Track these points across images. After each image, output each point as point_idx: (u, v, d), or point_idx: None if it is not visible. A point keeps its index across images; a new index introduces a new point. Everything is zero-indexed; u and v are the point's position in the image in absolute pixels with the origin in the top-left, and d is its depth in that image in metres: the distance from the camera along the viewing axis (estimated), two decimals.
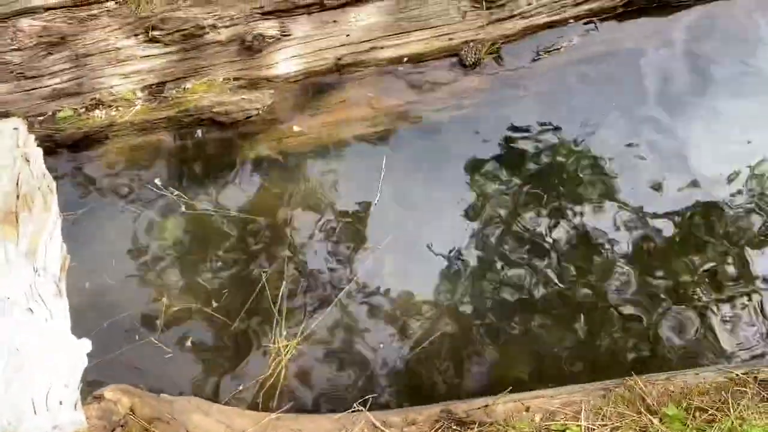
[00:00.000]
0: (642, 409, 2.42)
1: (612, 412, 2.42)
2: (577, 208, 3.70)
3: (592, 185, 3.77)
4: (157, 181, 3.85)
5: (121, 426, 2.52)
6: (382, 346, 3.34)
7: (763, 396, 2.40)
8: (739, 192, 3.69)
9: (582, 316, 3.32)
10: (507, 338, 3.32)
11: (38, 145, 2.80)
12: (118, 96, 4.01)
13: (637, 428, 2.34)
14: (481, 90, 4.11)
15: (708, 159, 3.78)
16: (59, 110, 3.98)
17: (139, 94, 4.06)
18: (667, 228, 3.61)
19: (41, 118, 3.96)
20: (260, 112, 4.05)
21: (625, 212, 3.66)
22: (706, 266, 3.42)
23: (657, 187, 3.73)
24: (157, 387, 3.07)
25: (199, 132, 4.04)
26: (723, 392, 2.44)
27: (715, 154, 3.79)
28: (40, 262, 2.40)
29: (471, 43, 4.10)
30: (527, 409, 2.50)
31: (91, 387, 2.70)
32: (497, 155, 3.89)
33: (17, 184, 2.54)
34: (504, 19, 4.12)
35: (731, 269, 3.42)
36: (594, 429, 2.37)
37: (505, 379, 3.03)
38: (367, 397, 2.70)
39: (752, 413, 2.31)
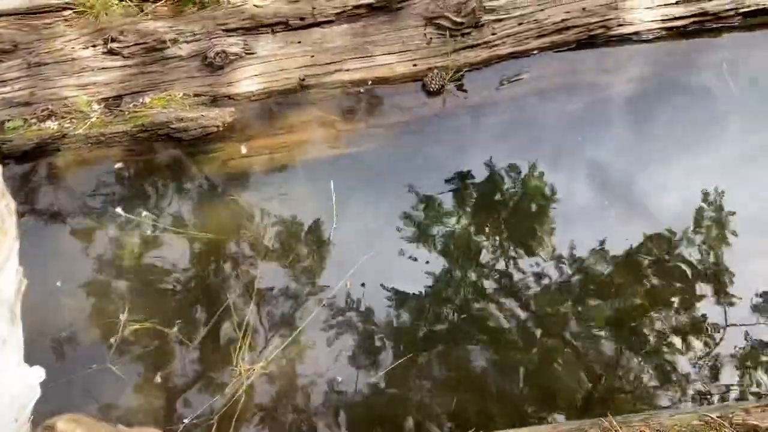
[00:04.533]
0: None
1: None
2: (526, 243, 3.70)
3: (542, 220, 3.78)
4: (119, 209, 3.70)
5: None
6: (340, 380, 3.25)
7: None
8: (697, 233, 3.71)
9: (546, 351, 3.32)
10: (470, 371, 3.29)
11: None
12: (73, 108, 3.87)
13: None
14: (443, 116, 4.13)
15: (663, 198, 3.81)
16: (8, 120, 3.81)
17: (95, 106, 3.92)
18: (625, 267, 3.62)
19: None
20: (220, 129, 3.96)
21: (577, 249, 3.67)
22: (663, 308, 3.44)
23: (609, 225, 3.73)
24: (111, 413, 2.93)
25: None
26: None
27: (669, 193, 3.85)
28: None
29: (435, 70, 4.12)
30: None
31: (43, 412, 2.54)
32: (454, 183, 3.89)
33: None
34: (468, 48, 4.14)
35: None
36: None
37: (472, 415, 3.01)
38: None
39: None
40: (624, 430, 2.47)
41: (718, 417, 2.53)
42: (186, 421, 3.04)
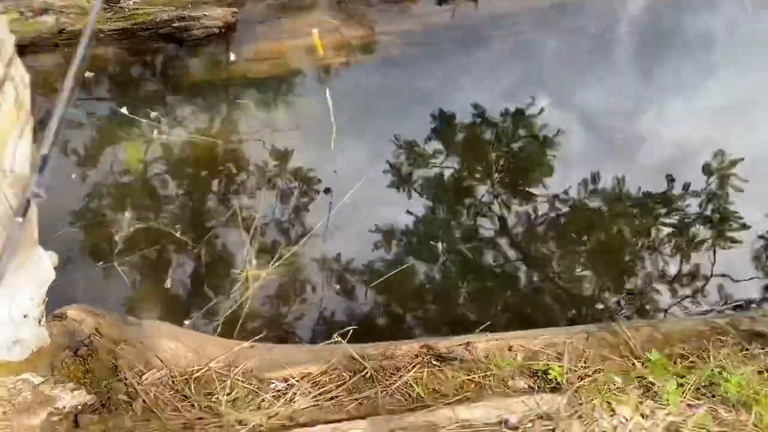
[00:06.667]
0: (625, 353, 2.45)
1: (595, 355, 2.44)
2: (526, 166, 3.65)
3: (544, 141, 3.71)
4: (123, 110, 3.59)
5: (86, 345, 2.37)
6: (338, 288, 3.25)
7: (743, 346, 2.46)
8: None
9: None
10: (475, 278, 3.29)
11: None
12: (70, 2, 3.73)
13: (619, 371, 2.37)
14: (453, 27, 4.04)
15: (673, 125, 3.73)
16: (2, 12, 3.66)
17: (94, 1, 3.78)
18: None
19: None
20: (222, 30, 3.86)
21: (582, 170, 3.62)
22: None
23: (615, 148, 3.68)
24: (116, 310, 2.92)
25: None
26: (704, 340, 2.48)
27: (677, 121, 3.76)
28: (7, 162, 2.19)
29: None
30: (509, 348, 2.49)
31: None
32: (459, 99, 3.80)
33: None
34: None
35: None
36: (576, 370, 2.39)
37: (476, 320, 3.03)
38: (347, 329, 2.64)
39: (732, 362, 2.37)
40: (631, 334, 2.50)
41: (725, 324, 2.56)
42: (187, 322, 3.04)
